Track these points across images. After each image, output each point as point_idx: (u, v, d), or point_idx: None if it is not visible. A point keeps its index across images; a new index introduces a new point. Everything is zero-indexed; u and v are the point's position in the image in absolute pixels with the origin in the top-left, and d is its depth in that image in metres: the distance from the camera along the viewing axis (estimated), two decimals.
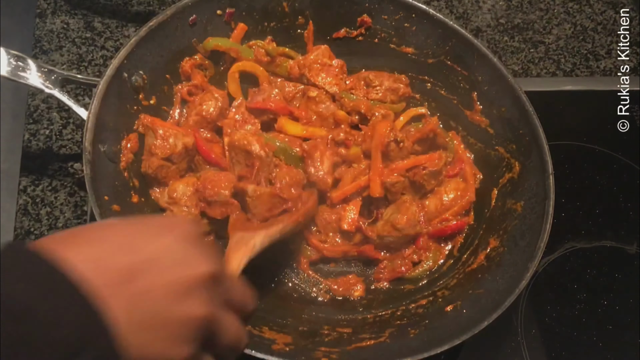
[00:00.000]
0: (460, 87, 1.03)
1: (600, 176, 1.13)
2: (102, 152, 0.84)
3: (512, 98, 0.96)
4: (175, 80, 0.99)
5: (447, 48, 1.02)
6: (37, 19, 1.16)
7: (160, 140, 0.89)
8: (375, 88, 1.03)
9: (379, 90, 1.03)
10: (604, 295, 1.01)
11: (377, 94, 1.02)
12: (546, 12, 1.33)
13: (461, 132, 1.04)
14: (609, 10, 1.35)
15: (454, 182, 0.99)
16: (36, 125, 1.05)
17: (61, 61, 1.11)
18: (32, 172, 1.01)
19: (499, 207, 0.96)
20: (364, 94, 1.03)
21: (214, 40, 0.99)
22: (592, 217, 1.08)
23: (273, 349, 0.78)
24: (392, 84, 1.03)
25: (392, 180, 0.94)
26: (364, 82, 1.04)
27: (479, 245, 0.95)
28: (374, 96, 1.02)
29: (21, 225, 0.96)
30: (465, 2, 1.32)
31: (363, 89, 1.03)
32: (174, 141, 0.90)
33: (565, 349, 0.95)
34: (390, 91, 1.03)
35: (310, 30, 1.05)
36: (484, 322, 0.77)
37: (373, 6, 1.03)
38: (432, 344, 0.76)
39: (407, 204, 0.93)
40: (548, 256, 1.02)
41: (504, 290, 0.82)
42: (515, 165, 0.95)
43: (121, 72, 0.88)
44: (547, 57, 1.27)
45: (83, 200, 0.99)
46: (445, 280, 0.93)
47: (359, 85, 1.04)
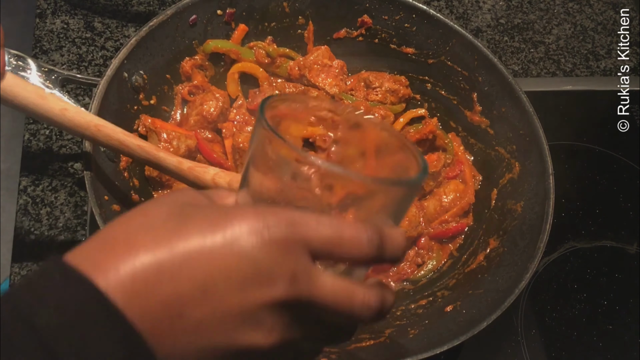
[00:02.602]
0: (460, 87, 1.03)
1: (600, 176, 1.13)
2: (102, 152, 0.84)
3: (512, 98, 0.96)
4: (176, 80, 0.99)
5: (447, 48, 1.02)
6: (37, 19, 1.16)
7: (164, 144, 0.90)
8: (375, 90, 1.03)
9: (379, 91, 1.03)
10: (604, 295, 1.01)
11: (377, 96, 1.03)
12: (546, 12, 1.33)
13: (461, 132, 1.04)
14: (609, 10, 1.35)
15: (453, 184, 0.99)
16: (36, 125, 1.05)
17: (61, 61, 1.11)
18: (32, 172, 1.01)
19: (499, 207, 0.96)
20: (363, 95, 1.03)
21: (213, 42, 0.99)
22: (592, 217, 1.08)
23: None
24: (392, 85, 1.03)
25: None
26: (364, 83, 1.04)
27: (478, 246, 0.95)
28: (374, 97, 1.03)
29: (21, 225, 0.96)
30: (465, 2, 1.32)
31: (363, 90, 1.04)
32: (177, 144, 0.90)
33: (565, 349, 0.95)
34: (390, 92, 1.03)
35: (310, 31, 1.05)
36: (484, 322, 0.77)
37: (373, 7, 1.03)
38: (432, 344, 0.76)
39: None
40: (548, 256, 1.02)
41: (503, 290, 0.82)
42: (515, 165, 0.95)
43: (121, 72, 0.88)
44: (547, 57, 1.27)
45: (83, 200, 0.99)
46: (445, 280, 0.93)
47: (359, 87, 1.04)
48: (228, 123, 0.97)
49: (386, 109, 1.02)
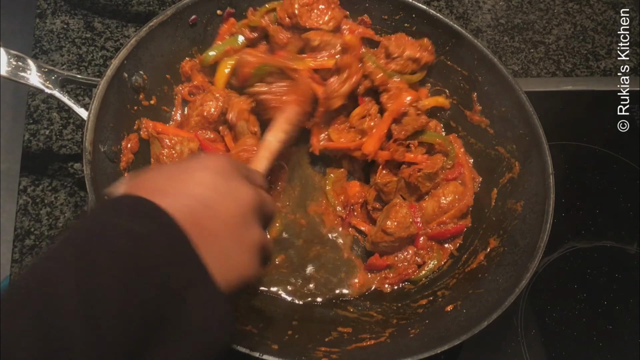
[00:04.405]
0: (460, 87, 1.03)
1: (600, 176, 1.13)
2: (102, 152, 0.84)
3: (512, 98, 0.96)
4: (176, 80, 0.99)
5: (447, 48, 1.02)
6: (37, 19, 1.16)
7: (168, 149, 0.90)
8: (395, 60, 0.99)
9: (399, 61, 0.99)
10: (604, 295, 1.01)
11: (396, 66, 0.99)
12: (546, 12, 1.33)
13: (461, 132, 1.04)
14: (609, 10, 1.35)
15: (452, 185, 0.98)
16: (36, 126, 1.05)
17: (61, 61, 1.11)
18: (32, 172, 1.01)
19: (499, 206, 0.96)
20: (382, 65, 0.99)
21: (209, 54, 0.99)
22: (592, 217, 1.08)
23: (273, 349, 0.78)
24: (414, 53, 0.99)
25: (384, 180, 0.94)
26: (384, 52, 1.00)
27: (479, 245, 0.95)
28: (392, 67, 0.99)
29: (21, 225, 0.96)
30: (465, 2, 1.32)
31: (383, 59, 1.00)
32: (180, 148, 0.90)
33: (565, 349, 0.95)
34: (411, 61, 0.99)
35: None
36: (484, 322, 0.77)
37: (373, 6, 1.03)
38: (432, 344, 0.76)
39: (397, 207, 0.92)
40: (548, 256, 1.02)
41: (504, 290, 0.82)
42: (515, 165, 0.95)
43: (121, 72, 0.88)
44: (547, 57, 1.27)
45: (83, 200, 0.99)
46: (445, 280, 0.93)
47: (379, 55, 1.00)
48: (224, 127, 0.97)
49: (403, 80, 0.99)
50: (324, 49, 0.97)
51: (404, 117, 0.96)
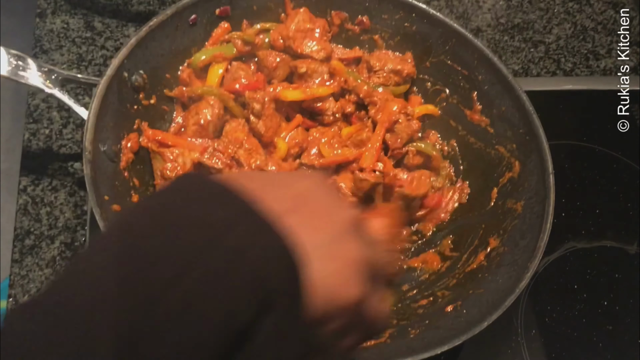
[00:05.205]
0: (460, 86, 1.03)
1: (600, 176, 1.13)
2: (102, 152, 0.84)
3: (512, 97, 0.96)
4: (176, 80, 0.99)
5: (447, 48, 1.02)
6: (37, 18, 1.16)
7: (171, 163, 0.89)
8: (377, 73, 1.00)
9: (381, 74, 1.00)
10: (604, 295, 1.01)
11: (379, 79, 1.00)
12: (546, 12, 1.33)
13: (461, 131, 1.04)
14: (609, 10, 1.35)
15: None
16: (36, 125, 1.05)
17: (61, 61, 1.11)
18: (32, 171, 1.01)
19: (499, 206, 0.96)
20: (365, 79, 1.00)
21: (198, 56, 0.98)
22: (592, 217, 1.08)
23: None
24: (396, 66, 1.01)
25: (361, 176, 0.92)
26: (366, 66, 1.02)
27: (478, 245, 0.95)
28: (376, 81, 1.00)
29: (21, 225, 0.96)
30: (465, 2, 1.32)
31: (365, 73, 1.01)
32: (182, 160, 0.90)
33: (565, 349, 0.95)
34: (393, 73, 1.01)
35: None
36: (484, 322, 0.77)
37: (373, 6, 1.03)
38: (432, 344, 0.76)
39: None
40: (548, 256, 1.02)
41: (504, 290, 0.82)
42: (515, 164, 0.95)
43: (121, 72, 0.88)
44: (547, 56, 1.27)
45: (83, 200, 0.99)
46: (446, 280, 0.93)
47: (362, 71, 1.02)
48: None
49: (388, 91, 1.00)
50: (311, 77, 0.98)
51: (395, 126, 0.96)
